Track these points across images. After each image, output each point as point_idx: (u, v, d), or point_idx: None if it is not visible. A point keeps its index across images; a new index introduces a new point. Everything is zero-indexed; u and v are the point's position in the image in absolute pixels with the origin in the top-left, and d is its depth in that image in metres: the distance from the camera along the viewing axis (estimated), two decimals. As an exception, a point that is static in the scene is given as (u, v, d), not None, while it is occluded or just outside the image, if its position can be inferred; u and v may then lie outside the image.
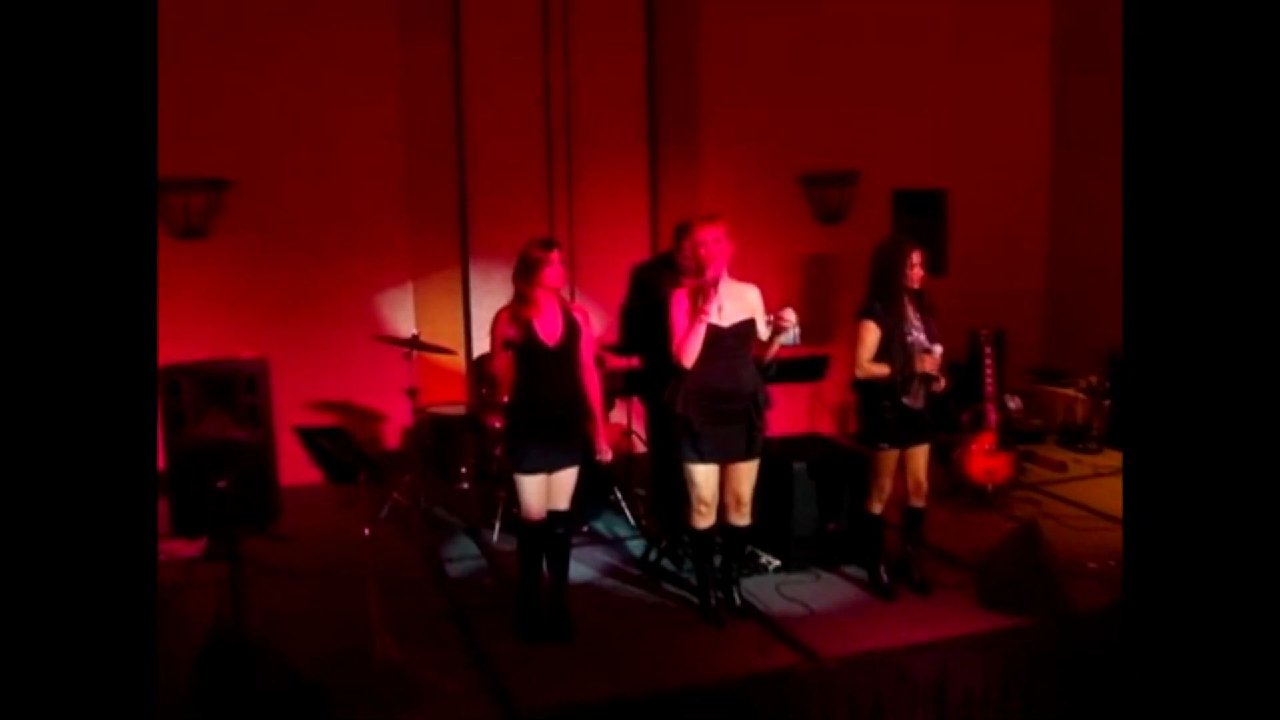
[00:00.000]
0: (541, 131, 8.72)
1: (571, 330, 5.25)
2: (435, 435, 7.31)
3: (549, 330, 5.19)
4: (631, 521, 6.96)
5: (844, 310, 8.88)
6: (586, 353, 5.35)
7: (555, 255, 5.17)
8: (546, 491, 5.30)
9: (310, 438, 4.82)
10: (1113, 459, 8.57)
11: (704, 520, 5.49)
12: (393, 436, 8.48)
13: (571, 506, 5.42)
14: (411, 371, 7.14)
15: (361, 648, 5.01)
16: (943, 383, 5.72)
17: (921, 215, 8.33)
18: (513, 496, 5.51)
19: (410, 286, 8.57)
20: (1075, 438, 9.01)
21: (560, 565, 5.48)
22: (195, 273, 7.94)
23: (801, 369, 6.24)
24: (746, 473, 5.51)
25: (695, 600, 5.71)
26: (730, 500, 5.54)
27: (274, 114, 8.07)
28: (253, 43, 7.97)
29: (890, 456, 5.74)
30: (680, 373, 5.34)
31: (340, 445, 4.76)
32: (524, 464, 5.26)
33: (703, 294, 5.24)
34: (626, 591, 6.01)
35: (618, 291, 6.99)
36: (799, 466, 6.16)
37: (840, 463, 6.31)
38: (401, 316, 8.43)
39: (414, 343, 7.00)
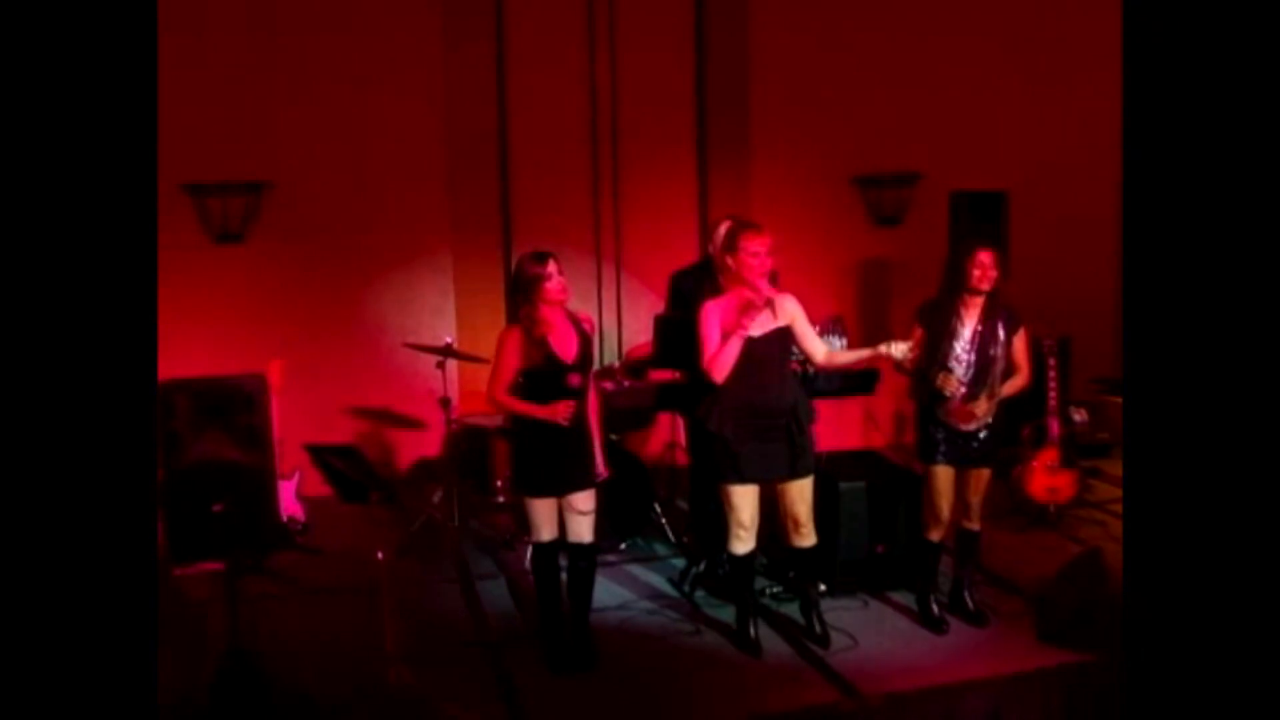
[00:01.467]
0: (587, 133, 8.46)
1: (585, 345, 4.97)
2: (471, 447, 7.05)
3: (565, 347, 4.90)
4: (671, 539, 6.65)
5: (900, 317, 8.57)
6: (591, 365, 5.08)
7: (553, 267, 4.85)
8: (557, 513, 5.02)
9: (321, 455, 4.58)
10: (1185, 476, 8.11)
11: (743, 545, 5.17)
12: (433, 446, 8.25)
13: (595, 538, 5.12)
14: (446, 380, 6.88)
15: (379, 676, 4.78)
16: (976, 419, 5.32)
17: (982, 218, 7.92)
18: (524, 520, 5.22)
19: (452, 292, 8.35)
20: (1145, 452, 8.55)
21: (583, 597, 5.17)
22: (232, 277, 7.81)
23: (851, 382, 5.89)
24: (799, 492, 5.17)
25: (734, 626, 5.39)
26: (789, 524, 5.23)
27: (314, 116, 7.89)
28: (293, 43, 7.80)
29: (942, 475, 5.36)
30: (714, 389, 5.03)
31: (352, 464, 4.51)
32: (534, 487, 4.99)
33: (748, 310, 4.93)
34: (661, 616, 5.70)
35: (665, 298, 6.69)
36: (846, 485, 5.81)
37: (891, 481, 5.96)
38: (442, 323, 8.18)
39: (447, 351, 6.75)
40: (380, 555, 4.52)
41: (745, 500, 5.09)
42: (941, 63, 9.05)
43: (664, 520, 6.72)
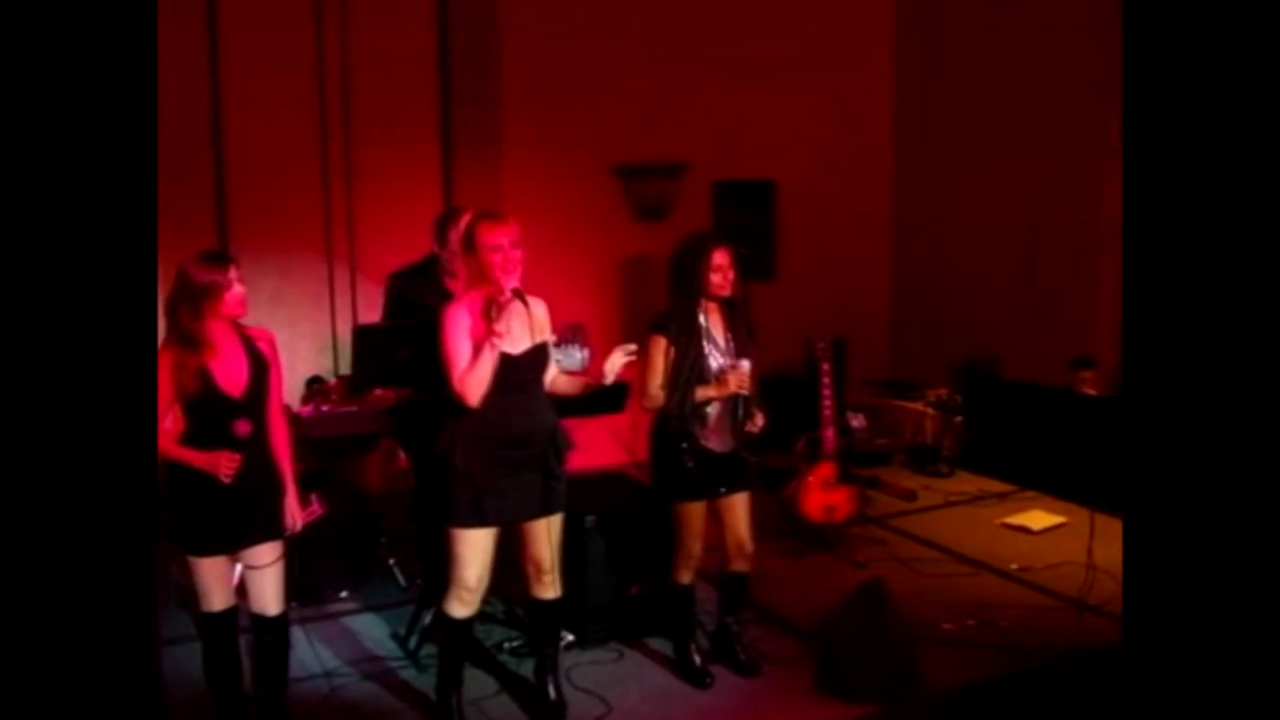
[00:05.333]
0: (315, 120, 7.47)
1: (260, 372, 3.93)
2: (170, 485, 5.96)
3: (231, 376, 3.85)
4: (402, 582, 5.73)
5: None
6: (276, 390, 4.03)
7: (236, 274, 3.85)
8: (230, 574, 4.03)
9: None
10: (965, 483, 7.71)
11: (464, 609, 4.22)
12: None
13: (283, 609, 4.10)
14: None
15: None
16: (760, 421, 4.64)
17: (749, 208, 7.33)
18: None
19: (160, 301, 7.22)
20: (925, 458, 8.13)
21: (274, 679, 4.17)
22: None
23: (596, 399, 5.09)
24: (545, 532, 4.27)
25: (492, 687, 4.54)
26: (530, 569, 4.33)
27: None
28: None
29: (695, 511, 4.60)
30: (455, 415, 4.11)
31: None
32: (196, 544, 3.91)
33: (495, 310, 3.99)
34: (378, 682, 4.76)
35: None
36: (592, 519, 5.01)
37: (644, 510, 5.14)
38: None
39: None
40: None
41: (477, 551, 4.14)
42: (704, 47, 8.47)
43: (393, 561, 5.80)
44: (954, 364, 8.55)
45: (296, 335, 7.11)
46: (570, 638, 4.97)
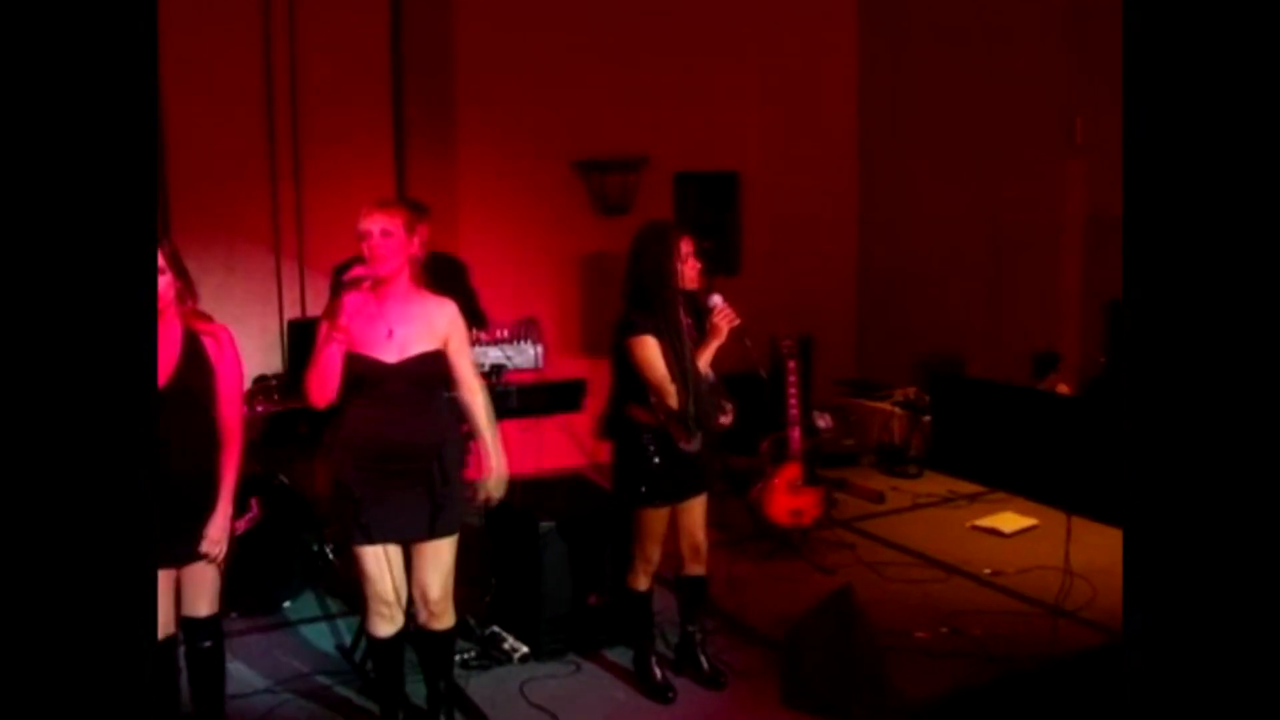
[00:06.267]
0: (262, 108, 7.20)
1: (193, 364, 3.62)
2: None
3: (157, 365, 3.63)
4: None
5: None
6: (226, 393, 3.71)
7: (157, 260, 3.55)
8: (172, 594, 3.71)
9: None
10: (934, 484, 7.51)
11: (386, 625, 3.92)
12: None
13: (219, 608, 3.84)
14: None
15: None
16: (731, 411, 4.45)
17: (712, 202, 7.11)
18: None
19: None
20: (893, 459, 7.94)
21: (211, 689, 3.90)
22: None
23: (552, 398, 4.87)
24: (432, 557, 3.90)
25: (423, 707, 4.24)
26: (416, 595, 3.97)
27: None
28: None
29: (661, 517, 4.37)
30: (336, 421, 3.82)
31: None
32: None
33: (336, 305, 3.68)
34: (322, 699, 4.50)
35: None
36: (548, 525, 4.77)
37: (602, 515, 4.90)
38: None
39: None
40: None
41: (379, 567, 3.84)
42: (664, 39, 8.29)
43: (338, 565, 5.53)
44: (921, 362, 8.39)
45: (243, 332, 6.75)
46: (524, 649, 4.74)
